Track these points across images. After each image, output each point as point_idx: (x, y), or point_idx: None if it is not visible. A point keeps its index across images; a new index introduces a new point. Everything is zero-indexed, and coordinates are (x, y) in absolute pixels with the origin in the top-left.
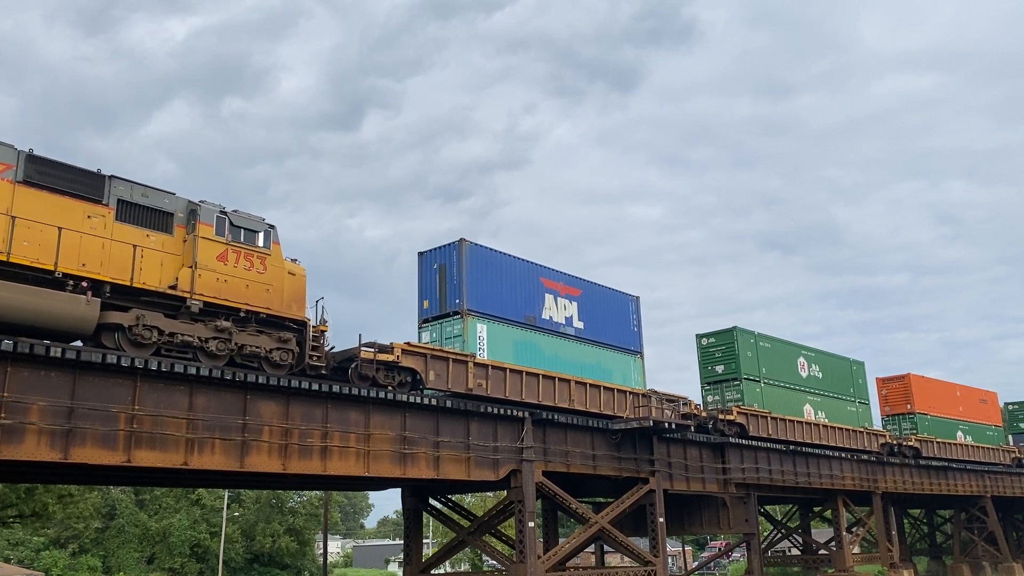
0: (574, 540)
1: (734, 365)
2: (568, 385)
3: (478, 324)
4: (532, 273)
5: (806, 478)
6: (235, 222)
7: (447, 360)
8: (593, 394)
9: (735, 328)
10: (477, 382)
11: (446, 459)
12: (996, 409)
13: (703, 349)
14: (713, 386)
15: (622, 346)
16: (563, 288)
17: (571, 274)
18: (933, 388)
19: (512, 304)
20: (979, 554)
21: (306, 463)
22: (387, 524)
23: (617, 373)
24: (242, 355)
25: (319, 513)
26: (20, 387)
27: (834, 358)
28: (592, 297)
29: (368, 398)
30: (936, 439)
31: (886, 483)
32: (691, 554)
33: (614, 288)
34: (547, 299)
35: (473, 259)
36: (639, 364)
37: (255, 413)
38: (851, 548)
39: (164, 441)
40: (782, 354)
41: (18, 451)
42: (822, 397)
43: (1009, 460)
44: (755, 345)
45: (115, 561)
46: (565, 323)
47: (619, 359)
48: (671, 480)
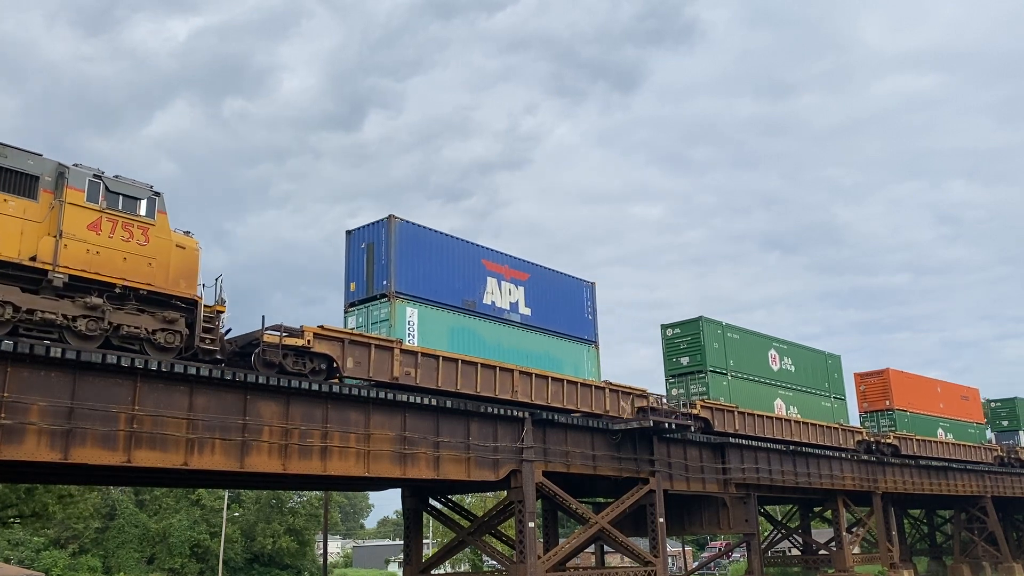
0: (574, 540)
1: (699, 357)
2: (511, 375)
3: (407, 308)
4: (472, 254)
5: (806, 478)
6: (112, 187)
7: (368, 346)
8: (539, 385)
9: (701, 318)
10: (404, 371)
11: (446, 459)
12: (978, 406)
13: (668, 340)
14: (678, 379)
15: (574, 335)
16: (508, 271)
17: (518, 257)
18: (912, 384)
19: (449, 287)
20: (979, 554)
21: (306, 463)
22: (387, 524)
23: (568, 363)
24: (119, 336)
25: (319, 513)
26: (20, 387)
27: (808, 351)
28: (541, 282)
29: (368, 398)
30: (916, 436)
31: (886, 483)
32: (691, 554)
33: (566, 273)
34: (489, 283)
35: (404, 237)
36: (593, 354)
37: (255, 413)
38: (851, 548)
39: (164, 441)
40: (751, 346)
41: (18, 451)
42: (795, 391)
43: (991, 459)
44: (722, 336)
45: (115, 561)
46: (510, 309)
47: (571, 348)
48: (671, 480)
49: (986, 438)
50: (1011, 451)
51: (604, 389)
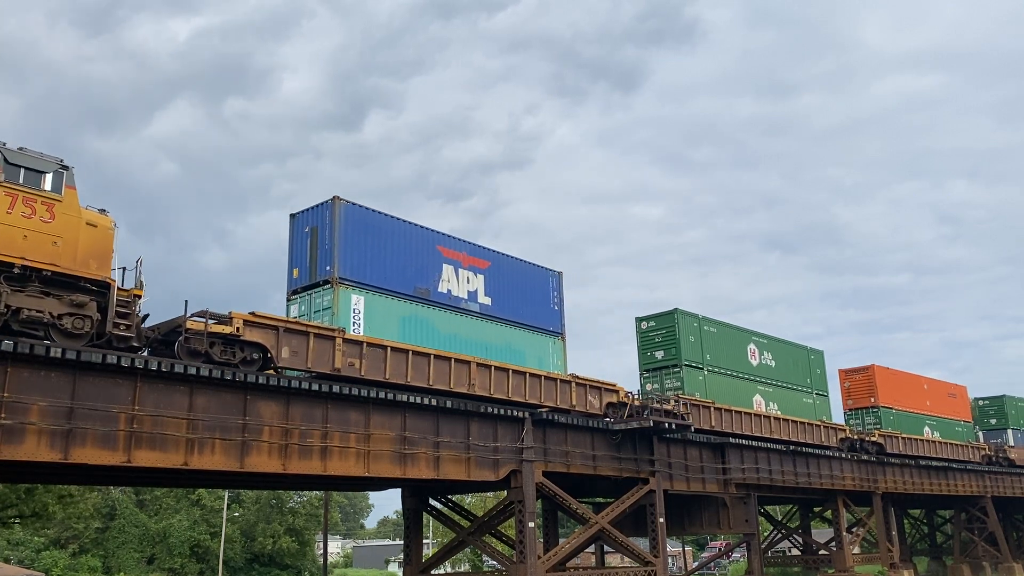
0: (574, 540)
1: (674, 351)
2: (468, 367)
3: (352, 295)
4: (426, 240)
5: (806, 478)
6: (12, 160)
7: (306, 335)
8: (500, 378)
9: (676, 311)
10: (348, 361)
11: (446, 459)
12: (966, 404)
13: (642, 334)
14: (652, 373)
15: (538, 326)
16: (466, 259)
17: (477, 243)
18: (898, 380)
19: (399, 274)
20: (979, 554)
21: (306, 463)
22: (387, 524)
23: (531, 356)
24: (19, 321)
25: (319, 513)
26: (20, 387)
27: (789, 345)
28: (502, 270)
29: (368, 398)
30: (901, 434)
31: (886, 483)
32: (691, 554)
33: (530, 261)
34: (445, 270)
35: (349, 221)
36: (559, 346)
37: (255, 413)
38: (851, 548)
39: (164, 441)
40: (729, 340)
41: (18, 451)
42: (775, 387)
43: (979, 457)
44: (698, 329)
45: (115, 561)
46: (467, 298)
47: (534, 340)
48: (671, 480)
49: (974, 436)
50: (999, 450)
51: (570, 383)
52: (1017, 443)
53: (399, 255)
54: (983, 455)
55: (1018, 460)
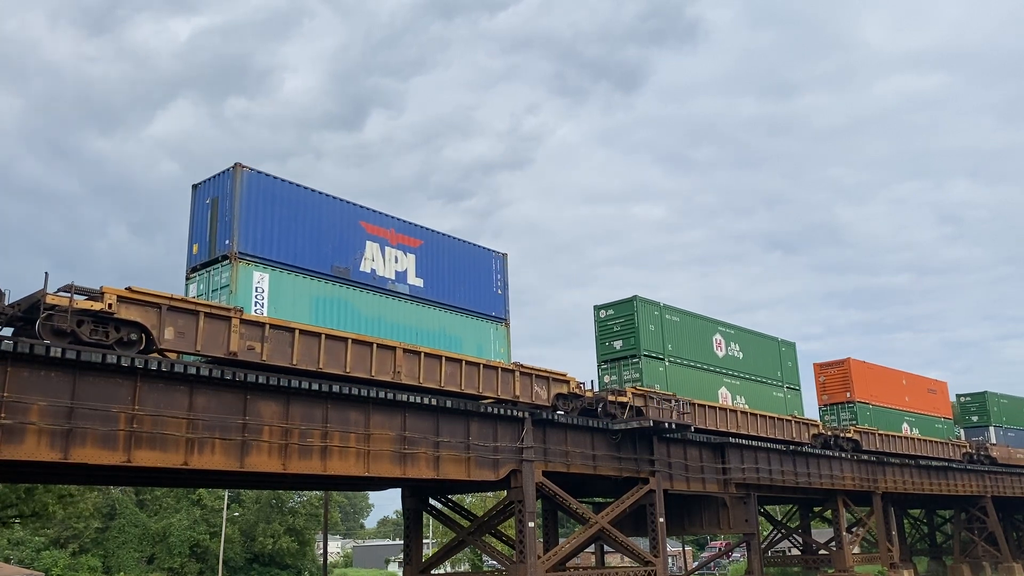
0: (574, 540)
1: (633, 340)
2: (393, 354)
3: (255, 272)
4: (346, 215)
5: (806, 478)
6: None
7: (196, 314)
8: (431, 366)
9: (635, 298)
10: (246, 345)
11: (446, 459)
12: (946, 400)
13: (600, 323)
14: (610, 364)
15: (478, 311)
16: (394, 236)
17: (408, 220)
18: (875, 375)
19: (314, 251)
20: (979, 554)
21: (306, 463)
22: (387, 524)
23: (470, 342)
24: None
25: (319, 513)
26: (20, 387)
27: (758, 337)
28: (437, 249)
29: (368, 398)
30: (878, 431)
31: (886, 483)
32: (691, 554)
33: (471, 241)
34: (369, 248)
35: (253, 190)
36: (502, 333)
37: (255, 413)
38: (851, 548)
39: (164, 441)
40: (693, 330)
41: (18, 451)
42: (742, 380)
43: (959, 455)
44: (659, 318)
45: (115, 561)
46: (395, 279)
47: (473, 326)
48: (671, 480)
49: (954, 433)
50: (980, 448)
51: (514, 372)
52: (999, 441)
53: (314, 230)
54: (964, 453)
55: (1000, 458)
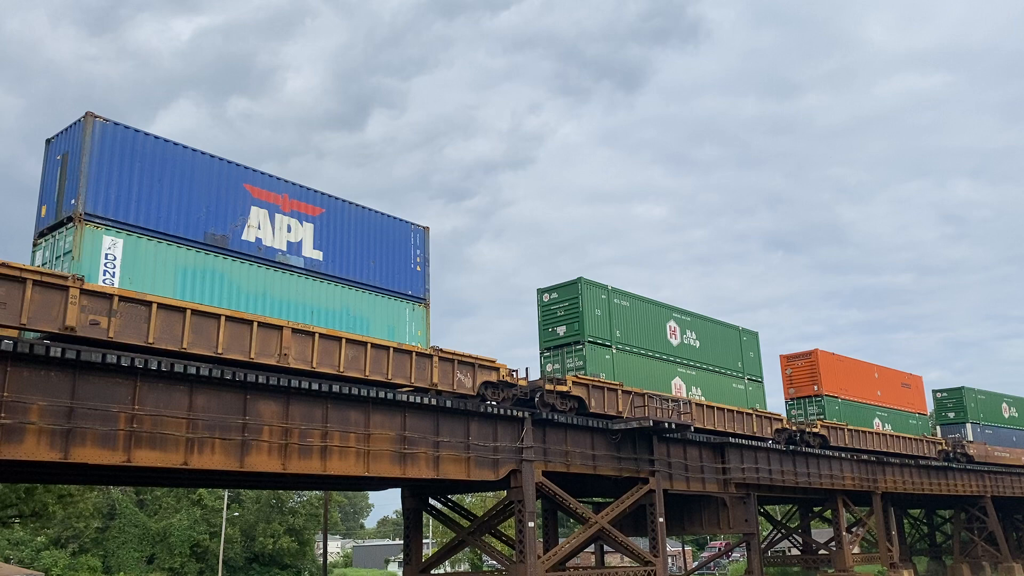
0: (574, 540)
1: (577, 326)
2: (279, 334)
3: (105, 237)
4: (226, 176)
5: (806, 478)
6: None
7: (22, 282)
8: (328, 349)
9: (580, 279)
10: (89, 319)
11: (446, 459)
12: (921, 395)
13: (544, 307)
14: (553, 352)
15: (391, 289)
16: (287, 202)
17: (306, 185)
18: (845, 368)
19: (183, 215)
20: (979, 554)
21: (306, 463)
22: (387, 524)
23: (379, 324)
24: None
25: (319, 513)
26: (20, 387)
27: (717, 324)
28: (341, 219)
29: (368, 398)
30: (848, 426)
31: (886, 483)
32: (691, 554)
33: (384, 212)
34: (255, 214)
35: (107, 144)
36: (421, 314)
37: (255, 413)
38: (851, 548)
39: (164, 441)
40: (645, 315)
41: (18, 451)
42: (699, 370)
43: (935, 452)
44: (607, 302)
45: (115, 561)
46: (287, 250)
47: (384, 305)
48: (671, 480)
49: (930, 430)
50: (957, 445)
51: (431, 357)
52: (976, 438)
53: (184, 192)
54: (939, 450)
55: (977, 456)
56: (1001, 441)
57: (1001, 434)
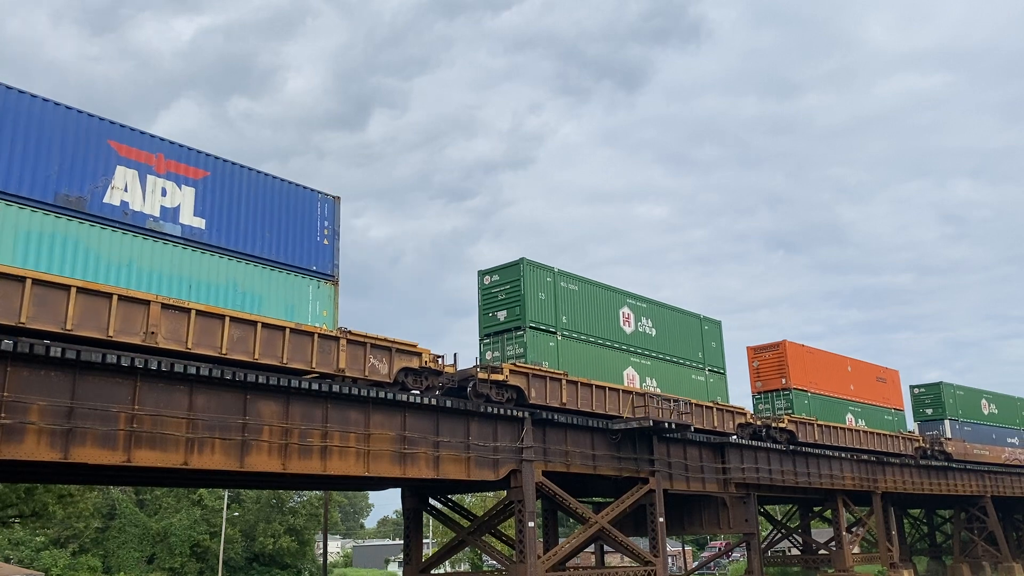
0: (574, 540)
1: (518, 310)
2: (146, 309)
3: None
4: (86, 131)
5: (806, 478)
6: None
7: None
8: (208, 328)
9: (522, 260)
10: None
11: (446, 459)
12: (897, 390)
13: (484, 290)
14: (493, 338)
15: (291, 263)
16: (163, 163)
17: (187, 145)
18: (816, 360)
19: (28, 173)
20: (979, 554)
21: (306, 463)
22: (387, 524)
23: (275, 302)
24: None
25: (319, 513)
26: (20, 387)
27: (676, 312)
28: (231, 185)
29: (368, 398)
30: (817, 421)
31: (886, 483)
32: (691, 554)
33: (286, 179)
34: (121, 175)
35: None
36: (327, 293)
37: (255, 413)
38: (851, 548)
39: (164, 441)
40: (595, 301)
41: (18, 451)
42: (654, 360)
43: (912, 450)
44: (552, 285)
45: (115, 561)
46: (161, 216)
47: (282, 281)
48: (671, 480)
49: (907, 426)
50: (935, 442)
51: (338, 340)
52: (955, 435)
53: (28, 146)
54: (916, 448)
55: (956, 454)
56: (980, 438)
57: (980, 431)
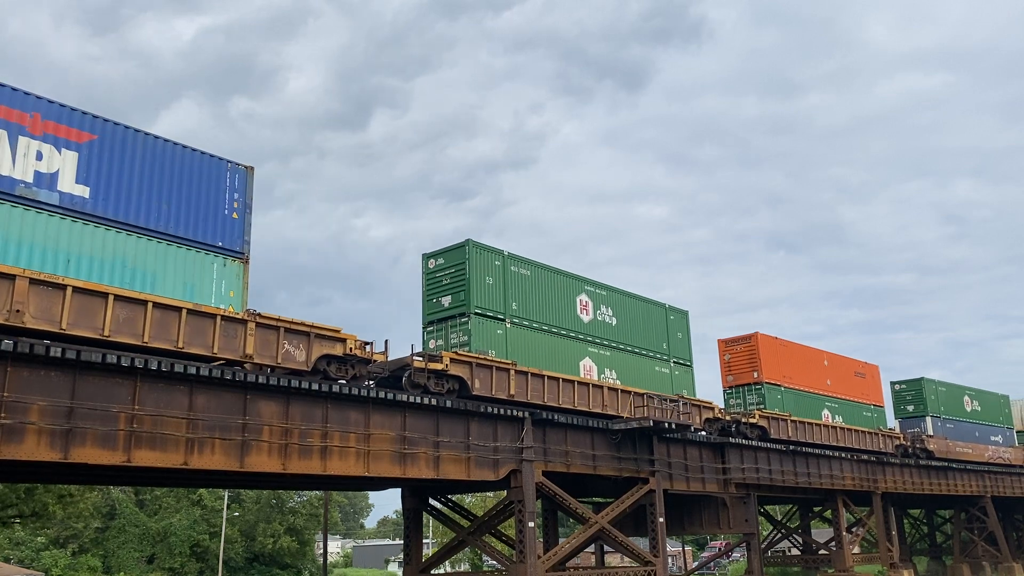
0: (574, 540)
1: (463, 295)
2: (10, 285)
3: None
4: None
5: (806, 478)
6: None
7: None
8: (87, 307)
9: (468, 242)
10: None
11: (446, 459)
12: (877, 386)
13: (428, 274)
14: (437, 326)
15: (193, 238)
16: (38, 124)
17: (70, 105)
18: (790, 354)
19: None
20: (979, 554)
21: (306, 463)
22: (387, 524)
23: (171, 280)
24: None
25: (319, 513)
26: (20, 387)
27: (639, 301)
28: (122, 150)
29: (368, 398)
30: (790, 417)
31: (886, 483)
32: (691, 554)
33: (189, 145)
34: None
35: None
36: (234, 271)
37: (255, 413)
38: (851, 548)
39: (164, 441)
40: (550, 287)
41: (18, 451)
42: (613, 350)
43: (892, 448)
44: (501, 269)
45: (115, 561)
46: (36, 182)
47: (181, 258)
48: (671, 480)
49: (886, 423)
50: (916, 440)
51: (245, 323)
52: (936, 432)
53: None
54: (897, 445)
55: (937, 452)
56: (963, 436)
57: (962, 428)
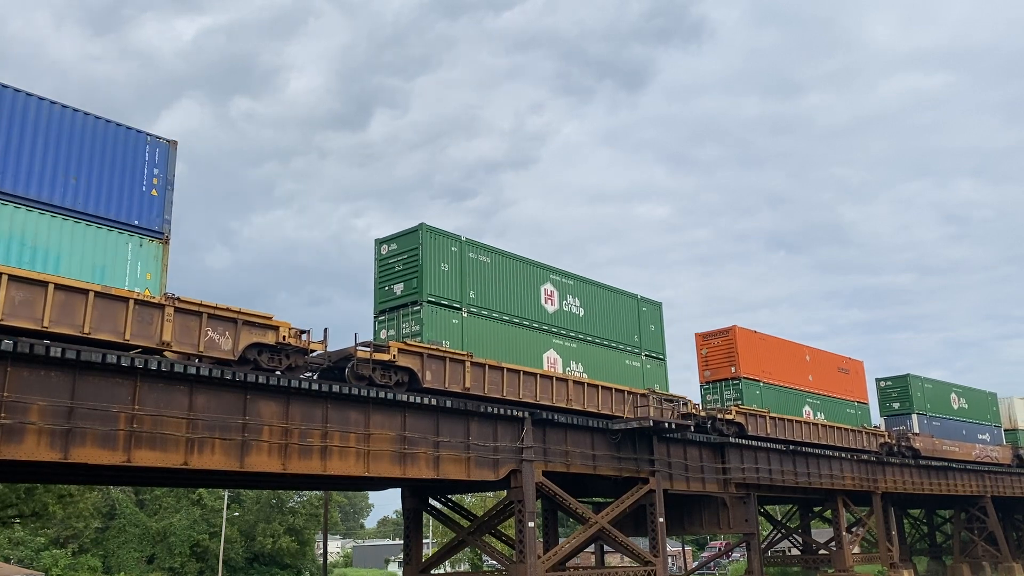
0: (574, 540)
1: (416, 282)
2: None
3: None
4: None
5: (806, 478)
6: None
7: None
8: None
9: (421, 226)
10: None
11: (446, 459)
12: (861, 382)
13: (381, 260)
14: (388, 315)
15: (104, 216)
16: None
17: None
18: (768, 348)
19: None
20: (979, 554)
21: (306, 463)
22: (387, 524)
23: (78, 261)
24: None
25: (319, 513)
26: (20, 387)
27: (609, 291)
28: (21, 119)
29: (368, 398)
30: (769, 413)
31: (886, 483)
32: (691, 554)
33: (103, 117)
34: None
35: None
36: (152, 252)
37: (255, 413)
38: (851, 548)
39: (164, 441)
40: (511, 275)
41: (18, 451)
42: (580, 342)
43: (876, 446)
44: (458, 256)
45: (115, 561)
46: None
47: (91, 237)
48: (671, 480)
49: (871, 420)
50: (901, 437)
51: (163, 308)
52: (923, 430)
53: None
54: (882, 443)
55: (924, 450)
56: (949, 434)
57: (949, 426)
